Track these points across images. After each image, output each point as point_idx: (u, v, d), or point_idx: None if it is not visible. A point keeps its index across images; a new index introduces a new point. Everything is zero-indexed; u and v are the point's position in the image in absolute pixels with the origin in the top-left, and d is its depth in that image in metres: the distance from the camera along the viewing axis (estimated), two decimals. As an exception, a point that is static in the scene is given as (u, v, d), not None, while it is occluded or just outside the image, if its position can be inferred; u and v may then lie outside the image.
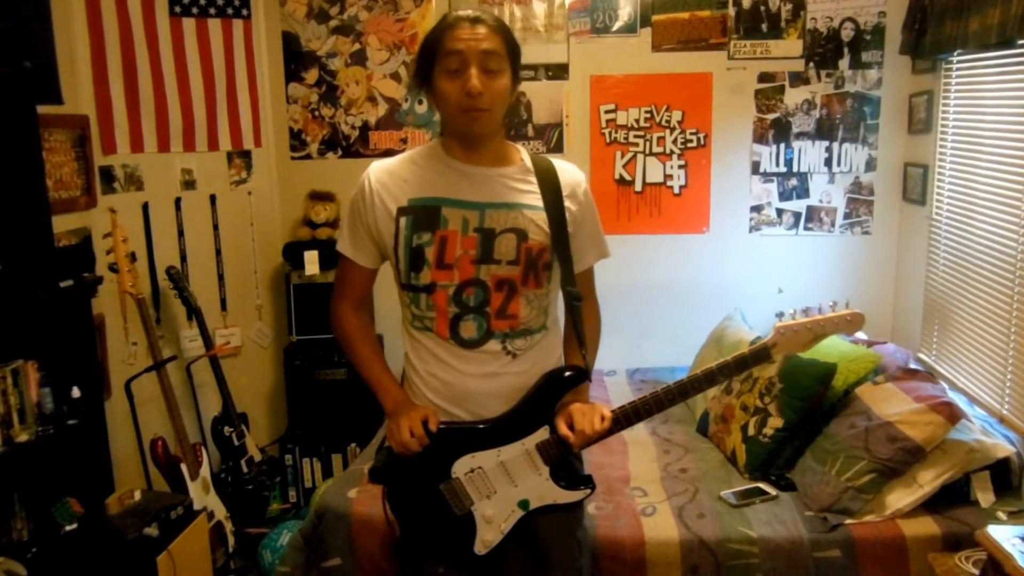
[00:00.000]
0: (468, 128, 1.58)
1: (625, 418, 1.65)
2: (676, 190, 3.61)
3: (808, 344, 1.66)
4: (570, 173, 1.70)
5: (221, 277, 3.48)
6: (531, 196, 1.64)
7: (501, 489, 1.67)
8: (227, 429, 3.15)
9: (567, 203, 1.66)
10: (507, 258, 1.61)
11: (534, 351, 1.68)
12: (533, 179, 1.66)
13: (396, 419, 1.63)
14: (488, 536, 1.68)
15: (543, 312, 1.69)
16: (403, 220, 1.62)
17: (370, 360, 1.74)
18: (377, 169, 1.68)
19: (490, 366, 1.64)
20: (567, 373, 1.69)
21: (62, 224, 2.68)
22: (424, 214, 1.61)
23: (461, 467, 1.66)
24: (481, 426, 1.66)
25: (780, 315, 1.69)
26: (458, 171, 1.63)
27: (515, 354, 1.65)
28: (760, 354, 1.66)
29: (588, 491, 1.71)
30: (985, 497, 2.35)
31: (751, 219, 3.61)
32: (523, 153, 1.70)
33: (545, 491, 1.67)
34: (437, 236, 1.60)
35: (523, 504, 1.67)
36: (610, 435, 1.66)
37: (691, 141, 3.57)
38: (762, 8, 3.45)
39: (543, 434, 1.65)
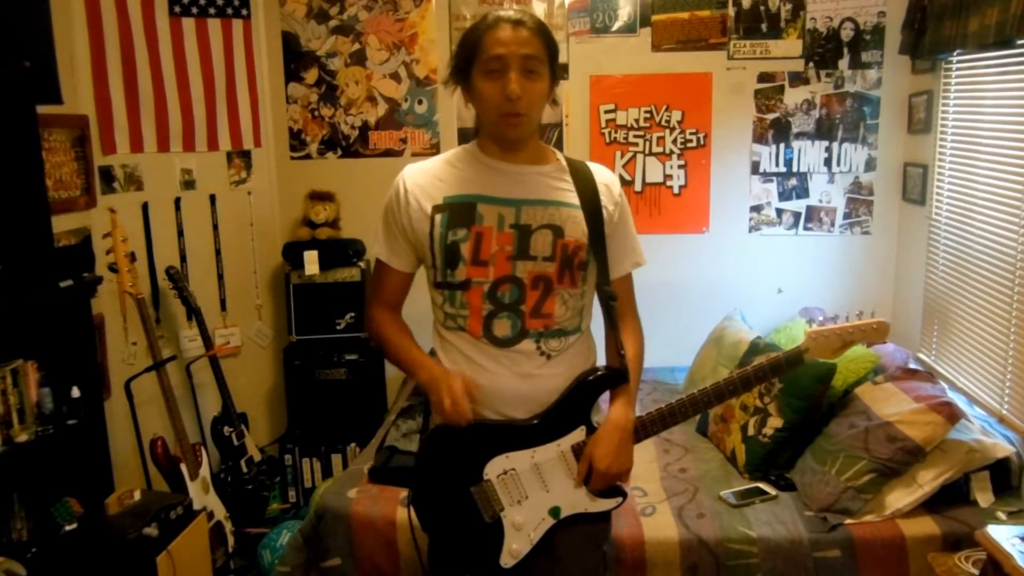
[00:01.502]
0: (505, 133, 1.59)
1: (661, 421, 1.66)
2: (676, 190, 3.61)
3: (838, 351, 1.69)
4: (605, 174, 1.70)
5: (221, 277, 3.48)
6: (568, 194, 1.64)
7: (533, 494, 1.62)
8: (227, 429, 3.15)
9: (603, 201, 1.65)
10: (543, 254, 1.59)
11: (569, 354, 1.64)
12: (569, 178, 1.66)
13: (437, 393, 1.55)
14: (516, 545, 1.62)
15: (578, 314, 1.66)
16: (438, 217, 1.60)
17: (400, 345, 1.68)
18: (412, 171, 1.67)
19: (524, 366, 1.60)
20: (603, 372, 1.66)
21: (62, 224, 2.68)
22: (459, 210, 1.60)
23: (494, 468, 1.61)
24: (516, 425, 1.62)
25: (810, 322, 1.73)
26: (494, 169, 1.63)
27: (549, 355, 1.62)
28: (794, 358, 1.68)
29: (620, 500, 1.67)
30: (984, 497, 2.36)
31: (751, 219, 3.62)
32: (558, 154, 1.70)
33: (577, 498, 1.63)
34: (473, 232, 1.58)
35: (554, 512, 1.63)
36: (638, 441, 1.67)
37: (691, 141, 3.57)
38: (762, 8, 3.45)
39: (579, 435, 1.62)
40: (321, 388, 3.45)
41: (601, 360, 1.74)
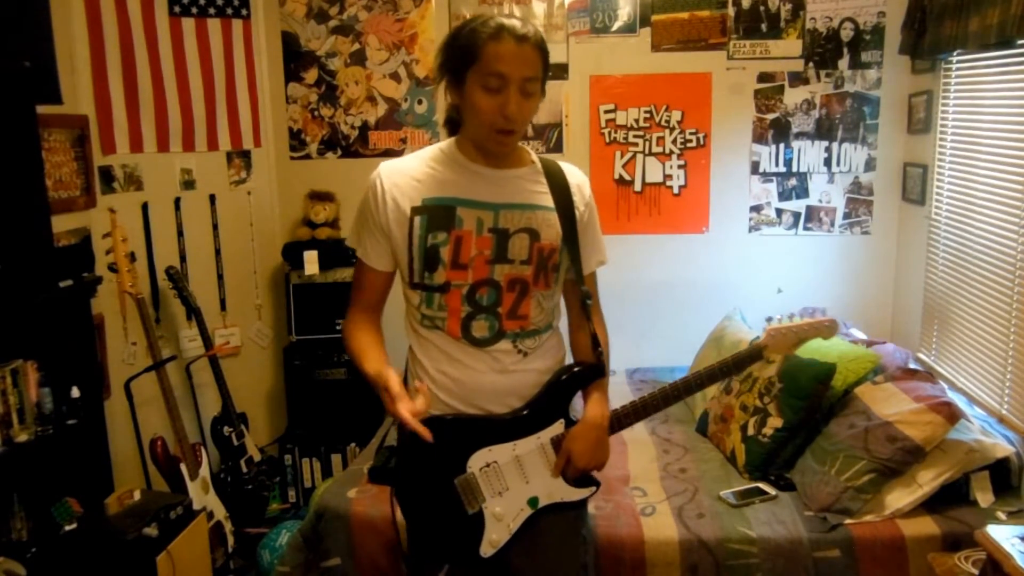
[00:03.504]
0: (495, 149, 1.60)
1: (635, 414, 1.72)
2: (675, 190, 3.61)
3: (793, 346, 1.81)
4: (576, 175, 1.73)
5: (220, 277, 3.48)
6: (543, 197, 1.65)
7: (513, 486, 1.67)
8: (226, 429, 3.15)
9: (576, 202, 1.68)
10: (520, 258, 1.61)
11: (542, 350, 1.69)
12: (544, 180, 1.67)
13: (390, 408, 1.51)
14: (495, 535, 1.66)
15: (550, 313, 1.71)
16: (417, 220, 1.60)
17: (362, 352, 1.64)
18: (388, 169, 1.64)
19: (502, 363, 1.64)
20: (582, 369, 1.71)
21: (61, 224, 2.68)
22: (439, 214, 1.60)
23: (477, 461, 1.65)
24: (498, 419, 1.66)
25: (769, 319, 1.82)
26: (473, 172, 1.63)
27: (526, 352, 1.66)
28: (753, 354, 1.80)
29: (594, 489, 1.74)
30: (984, 497, 2.35)
31: (750, 219, 3.62)
32: (533, 155, 1.71)
33: (554, 488, 1.69)
34: (452, 236, 1.59)
35: (532, 502, 1.68)
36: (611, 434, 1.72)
37: (690, 141, 3.57)
38: (761, 8, 3.45)
39: (558, 428, 1.68)
40: (321, 388, 3.45)
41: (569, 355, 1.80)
